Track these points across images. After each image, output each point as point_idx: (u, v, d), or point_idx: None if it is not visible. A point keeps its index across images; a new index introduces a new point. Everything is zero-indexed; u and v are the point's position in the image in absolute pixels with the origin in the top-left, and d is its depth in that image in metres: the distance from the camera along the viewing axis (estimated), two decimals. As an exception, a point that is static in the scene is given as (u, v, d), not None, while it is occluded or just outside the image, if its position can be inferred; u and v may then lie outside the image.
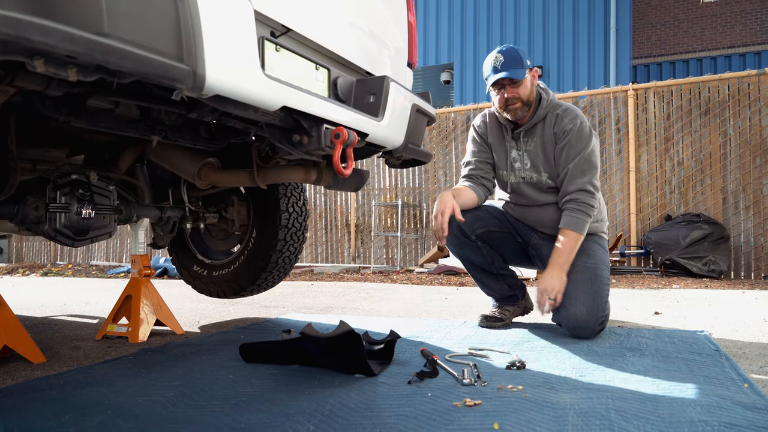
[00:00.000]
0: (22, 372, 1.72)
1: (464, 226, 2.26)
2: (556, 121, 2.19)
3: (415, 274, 6.00)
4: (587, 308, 2.01)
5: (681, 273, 5.26)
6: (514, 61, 2.10)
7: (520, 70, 2.11)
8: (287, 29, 1.59)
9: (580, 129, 2.15)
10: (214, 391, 1.42)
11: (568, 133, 2.15)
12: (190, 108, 1.52)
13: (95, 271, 7.76)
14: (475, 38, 10.40)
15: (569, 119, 2.17)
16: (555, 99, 2.24)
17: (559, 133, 2.17)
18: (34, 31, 0.81)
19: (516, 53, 2.12)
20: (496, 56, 2.13)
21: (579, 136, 2.14)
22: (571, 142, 2.14)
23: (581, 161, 2.13)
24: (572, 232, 2.08)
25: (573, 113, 2.18)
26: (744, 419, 1.13)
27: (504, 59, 2.11)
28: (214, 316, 2.91)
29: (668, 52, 11.63)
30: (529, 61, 2.16)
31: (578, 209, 2.10)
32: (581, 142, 2.14)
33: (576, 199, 2.11)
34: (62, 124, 1.78)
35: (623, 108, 6.01)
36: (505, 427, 1.11)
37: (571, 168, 2.14)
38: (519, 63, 2.10)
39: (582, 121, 2.17)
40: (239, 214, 2.74)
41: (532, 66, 2.18)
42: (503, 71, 2.10)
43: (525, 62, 2.12)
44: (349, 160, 1.72)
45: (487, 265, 2.33)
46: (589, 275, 2.08)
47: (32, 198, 1.94)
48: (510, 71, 2.10)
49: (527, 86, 2.14)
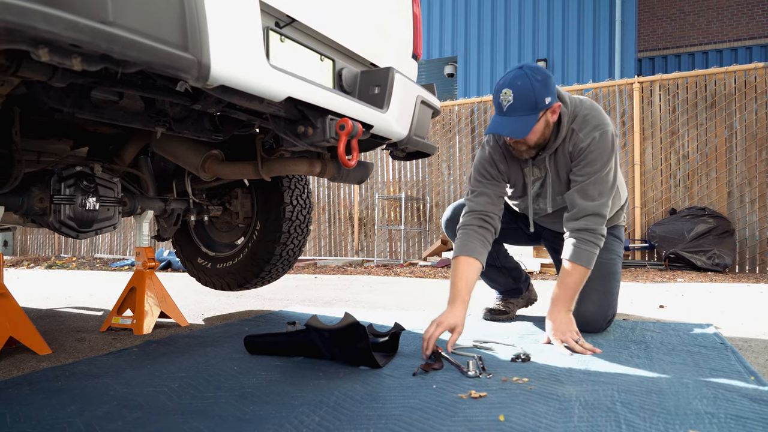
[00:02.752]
0: (28, 363, 1.73)
1: None
2: (572, 136, 1.86)
3: (418, 268, 6.00)
4: (598, 306, 1.99)
5: (685, 267, 5.25)
6: (524, 105, 1.70)
7: (529, 117, 1.71)
8: (292, 20, 1.58)
9: (599, 144, 1.82)
10: (219, 382, 1.42)
11: (584, 150, 1.83)
12: (194, 99, 1.52)
13: (99, 263, 7.79)
14: (479, 31, 10.35)
15: (585, 133, 1.83)
16: (575, 107, 1.88)
17: (575, 152, 1.86)
18: (39, 20, 0.81)
19: (530, 92, 1.69)
20: (505, 92, 1.72)
21: (598, 152, 1.82)
22: (588, 159, 1.83)
23: (597, 180, 1.83)
24: (581, 267, 1.81)
25: (590, 124, 1.84)
26: (750, 411, 1.12)
27: (512, 100, 1.71)
28: (218, 309, 2.91)
29: (674, 45, 11.55)
30: (550, 96, 1.73)
31: (589, 240, 1.81)
32: (599, 160, 1.82)
33: (588, 228, 1.82)
34: (66, 116, 1.78)
35: (628, 101, 5.97)
36: (510, 419, 1.11)
37: (584, 186, 1.83)
38: (531, 107, 1.71)
39: (602, 132, 1.83)
40: (243, 206, 2.74)
41: (553, 101, 1.75)
42: (506, 117, 1.73)
43: (541, 103, 1.71)
44: (353, 151, 1.72)
45: (492, 259, 2.27)
46: (602, 272, 2.01)
47: (37, 190, 1.94)
48: (513, 121, 1.72)
49: (537, 132, 1.78)
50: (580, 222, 1.83)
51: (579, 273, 1.82)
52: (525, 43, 10.01)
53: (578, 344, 1.72)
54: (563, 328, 1.79)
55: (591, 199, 1.83)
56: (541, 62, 9.74)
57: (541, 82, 1.71)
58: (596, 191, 1.83)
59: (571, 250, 1.83)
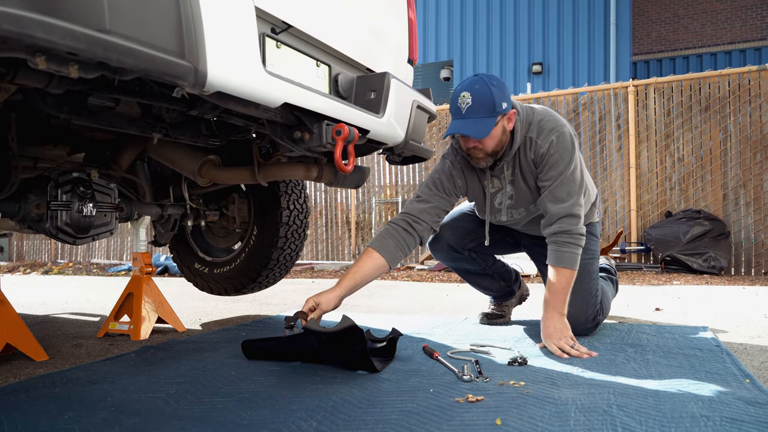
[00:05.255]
0: (24, 370, 1.72)
1: (456, 244, 2.21)
2: (531, 145, 1.88)
3: (415, 271, 6.01)
4: (577, 308, 1.96)
5: (681, 269, 5.26)
6: (482, 107, 1.73)
7: (487, 120, 1.74)
8: (288, 26, 1.59)
9: (557, 146, 1.84)
10: (216, 387, 1.42)
11: (545, 155, 1.85)
12: (191, 105, 1.52)
13: (96, 269, 7.77)
14: (474, 35, 10.39)
15: (542, 138, 1.85)
16: (527, 115, 1.90)
17: (537, 158, 1.87)
18: (36, 28, 0.81)
19: (487, 95, 1.73)
20: (463, 95, 1.75)
21: (558, 154, 1.84)
22: (549, 163, 1.85)
23: (564, 181, 1.84)
24: (565, 269, 1.82)
25: (546, 129, 1.86)
26: (746, 414, 1.13)
27: (471, 102, 1.73)
28: (215, 314, 2.91)
29: (668, 49, 11.61)
30: (506, 102, 1.77)
31: (569, 242, 1.83)
32: (561, 162, 1.84)
33: (564, 230, 1.83)
34: (63, 122, 1.78)
35: (623, 104, 6.00)
36: (507, 422, 1.11)
37: (552, 189, 1.85)
38: (488, 109, 1.73)
39: (558, 135, 1.85)
40: (240, 211, 2.74)
41: (508, 108, 1.78)
42: (465, 119, 1.75)
43: (498, 106, 1.74)
44: (350, 156, 1.73)
45: (482, 269, 2.31)
46: (582, 273, 1.97)
47: (33, 196, 1.94)
48: (471, 123, 1.74)
49: (495, 137, 1.80)
50: (554, 226, 1.86)
51: (564, 276, 1.83)
52: (520, 47, 10.05)
53: (573, 348, 1.72)
54: (558, 333, 1.79)
55: (561, 201, 1.85)
56: (537, 66, 9.79)
57: (497, 87, 1.75)
58: (564, 192, 1.85)
59: (553, 255, 1.85)
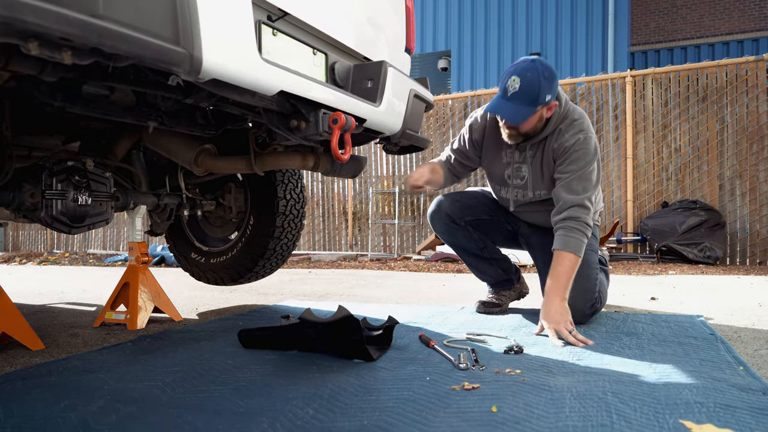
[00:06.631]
0: (21, 359, 1.72)
1: (454, 215, 2.25)
2: (558, 136, 1.99)
3: (412, 262, 6.02)
4: (577, 295, 1.98)
5: (677, 259, 5.29)
6: (526, 96, 1.83)
7: (527, 108, 1.85)
8: (284, 13, 1.58)
9: (582, 145, 1.95)
10: (213, 376, 1.43)
11: (569, 149, 1.95)
12: (186, 93, 1.51)
13: (92, 259, 7.76)
14: (472, 25, 10.34)
15: (571, 134, 1.96)
16: (566, 110, 2.01)
17: (559, 149, 1.98)
18: (29, 13, 0.80)
19: (535, 86, 1.81)
20: (513, 78, 1.83)
21: (582, 152, 1.95)
22: (572, 158, 1.95)
23: (582, 176, 1.94)
24: (571, 254, 1.87)
25: (576, 127, 1.97)
26: (739, 401, 1.14)
27: (518, 88, 1.82)
28: (212, 303, 2.91)
29: (666, 39, 11.59)
30: (551, 94, 1.87)
31: (577, 228, 1.89)
32: (583, 159, 1.95)
33: (573, 217, 1.90)
34: (57, 111, 1.77)
35: (621, 95, 5.99)
36: (502, 409, 1.12)
37: (569, 181, 1.94)
38: (532, 99, 1.83)
39: (586, 137, 1.96)
40: (236, 201, 2.73)
41: (551, 99, 1.89)
42: (507, 101, 1.85)
43: (542, 98, 1.84)
44: (346, 145, 1.72)
45: (479, 250, 2.33)
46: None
47: (28, 185, 1.93)
48: (513, 107, 1.86)
49: (530, 123, 1.93)
50: (565, 213, 1.92)
51: (569, 261, 1.87)
52: (518, 37, 10.01)
53: (571, 335, 1.74)
54: (557, 318, 1.81)
55: (575, 193, 1.93)
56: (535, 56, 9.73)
57: (548, 79, 1.84)
58: (580, 186, 1.94)
59: (561, 240, 1.90)
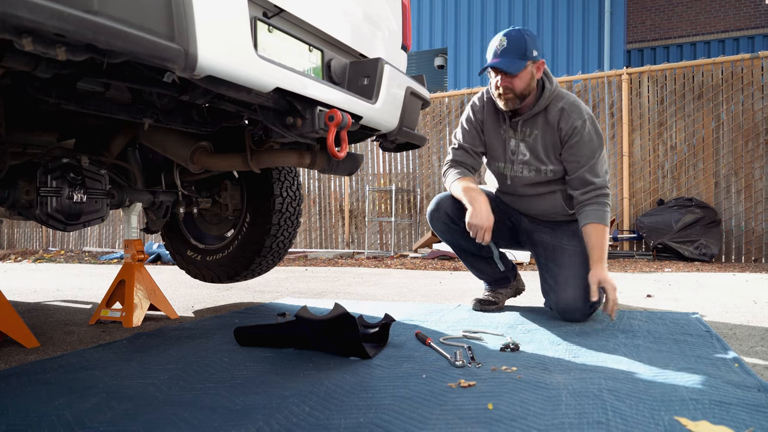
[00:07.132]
0: (15, 356, 1.72)
1: (453, 214, 2.24)
2: (562, 115, 2.09)
3: (409, 259, 6.02)
4: (578, 292, 2.02)
5: (673, 257, 5.31)
6: (515, 50, 1.99)
7: (519, 61, 1.99)
8: (280, 9, 1.57)
9: (591, 127, 2.09)
10: (209, 374, 1.42)
11: (580, 130, 2.07)
12: (182, 90, 1.51)
13: (88, 257, 7.73)
14: (469, 23, 10.32)
15: (577, 115, 2.08)
16: (559, 89, 2.15)
17: (567, 129, 2.08)
18: (22, 8, 0.80)
19: (522, 41, 1.99)
20: (501, 39, 2.01)
21: (594, 134, 2.09)
22: (584, 140, 2.07)
23: (600, 161, 2.10)
24: (600, 225, 2.04)
25: (579, 109, 2.10)
26: (734, 397, 1.14)
27: (506, 45, 1.99)
28: (208, 301, 2.90)
29: (662, 37, 11.60)
30: (537, 51, 2.02)
31: (602, 202, 2.07)
32: (594, 142, 2.08)
33: (605, 193, 2.08)
34: (52, 107, 1.76)
35: (617, 92, 6.00)
36: (499, 407, 1.12)
37: (592, 166, 2.08)
38: (521, 53, 1.99)
39: (591, 119, 2.11)
40: (232, 198, 2.73)
41: (539, 57, 2.04)
42: (499, 58, 2.00)
43: (529, 52, 2.00)
44: (343, 143, 1.72)
45: (477, 249, 2.32)
46: (580, 259, 2.09)
47: (23, 182, 1.92)
48: (505, 60, 1.99)
49: (524, 79, 2.03)
50: (592, 192, 2.08)
51: (604, 232, 2.05)
52: (515, 35, 9.99)
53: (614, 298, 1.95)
54: (614, 282, 1.98)
55: (599, 176, 2.10)
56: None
57: (531, 37, 2.03)
58: (602, 169, 2.12)
59: (595, 213, 2.05)
